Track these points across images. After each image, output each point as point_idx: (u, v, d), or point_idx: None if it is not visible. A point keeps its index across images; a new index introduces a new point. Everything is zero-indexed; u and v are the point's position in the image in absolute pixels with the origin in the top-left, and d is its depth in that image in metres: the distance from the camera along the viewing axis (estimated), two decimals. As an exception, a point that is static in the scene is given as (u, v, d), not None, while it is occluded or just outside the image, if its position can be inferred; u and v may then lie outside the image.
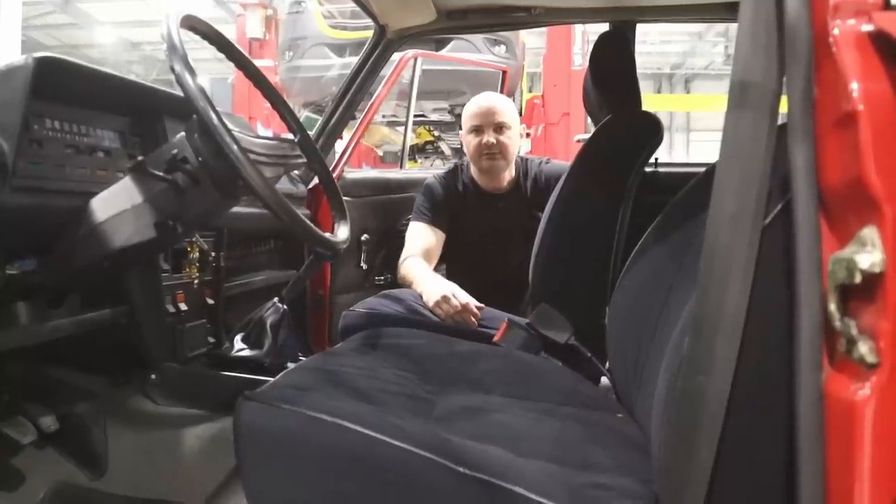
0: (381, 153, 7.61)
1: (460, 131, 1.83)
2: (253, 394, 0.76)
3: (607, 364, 1.19)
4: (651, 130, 1.27)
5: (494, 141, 1.64)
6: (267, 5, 5.81)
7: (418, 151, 6.79)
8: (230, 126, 0.83)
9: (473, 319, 1.34)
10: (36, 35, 11.45)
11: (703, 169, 1.69)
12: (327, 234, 1.03)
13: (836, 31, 0.45)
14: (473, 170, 1.77)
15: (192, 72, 0.80)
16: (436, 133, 6.44)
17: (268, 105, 5.40)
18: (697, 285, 0.55)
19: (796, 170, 0.48)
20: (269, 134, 4.15)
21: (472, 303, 1.35)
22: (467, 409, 0.87)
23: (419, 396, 0.89)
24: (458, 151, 6.70)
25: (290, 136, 1.13)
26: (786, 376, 0.50)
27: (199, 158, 0.86)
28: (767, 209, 0.52)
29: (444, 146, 6.87)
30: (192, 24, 0.88)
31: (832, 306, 0.45)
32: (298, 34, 4.89)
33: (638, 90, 1.33)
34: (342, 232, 1.05)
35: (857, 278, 0.43)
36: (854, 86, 0.44)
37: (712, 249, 0.54)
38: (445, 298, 1.34)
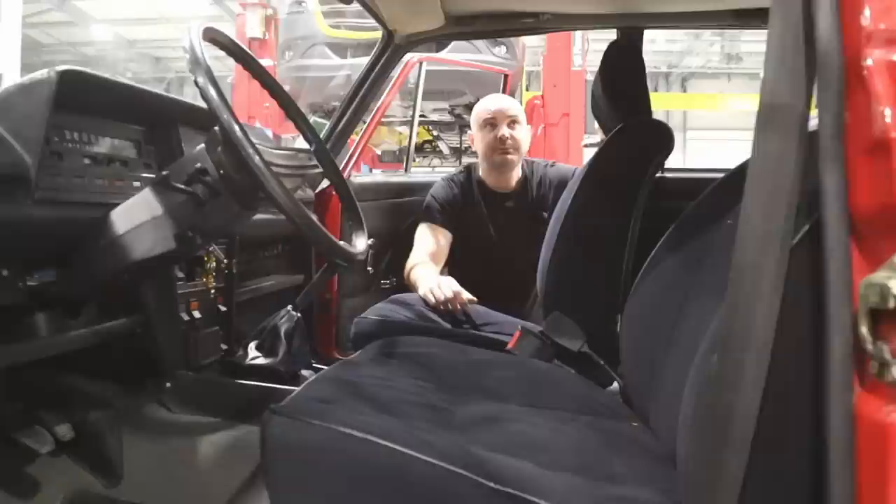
0: (379, 152, 7.62)
1: (469, 131, 1.86)
2: (280, 407, 0.76)
3: (619, 371, 1.20)
4: (662, 139, 1.28)
5: (509, 135, 1.67)
6: (266, 5, 5.79)
7: (417, 150, 6.80)
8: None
9: (459, 307, 1.40)
10: (32, 33, 11.38)
11: (710, 175, 1.71)
12: (342, 243, 1.04)
13: (868, 62, 0.46)
14: (483, 169, 1.79)
15: (215, 84, 0.81)
16: (434, 133, 6.45)
17: (267, 104, 5.41)
18: (726, 303, 0.56)
19: (827, 193, 0.49)
20: (269, 133, 4.16)
21: (465, 294, 1.39)
22: (485, 419, 0.88)
23: (438, 406, 0.90)
24: (457, 151, 6.72)
25: (306, 145, 1.14)
26: (814, 396, 0.51)
27: (221, 171, 0.86)
28: (795, 229, 0.53)
29: (442, 145, 6.89)
30: (213, 37, 0.89)
31: (864, 329, 0.46)
32: (298, 34, 4.88)
33: (648, 98, 1.34)
34: (360, 243, 1.06)
35: (892, 303, 0.43)
36: (887, 112, 0.45)
37: (741, 268, 0.55)
38: (438, 285, 1.39)
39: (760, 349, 0.52)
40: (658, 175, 1.61)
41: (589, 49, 5.15)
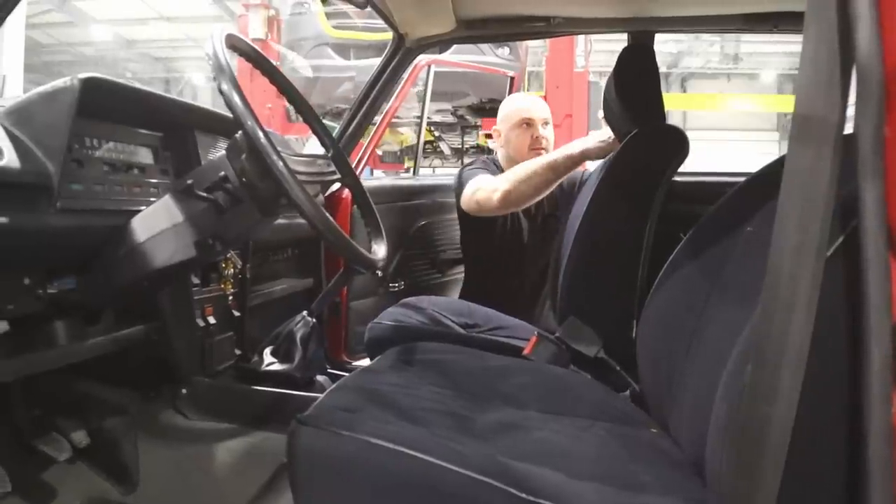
0: (380, 153, 7.63)
1: (495, 127, 1.84)
2: (307, 418, 0.76)
3: (635, 376, 1.20)
4: (678, 144, 1.28)
5: (544, 136, 1.73)
6: (269, 5, 5.78)
7: (417, 151, 6.79)
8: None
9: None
10: (33, 34, 11.37)
11: (719, 179, 1.71)
12: (361, 249, 1.04)
13: (911, 75, 0.46)
14: (507, 165, 1.80)
15: (239, 91, 0.81)
16: (436, 133, 6.45)
17: (269, 105, 5.39)
18: (760, 313, 0.56)
19: (866, 207, 0.49)
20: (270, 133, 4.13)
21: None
22: (506, 426, 0.88)
23: (459, 414, 0.90)
24: (458, 151, 6.72)
25: (313, 148, 1.14)
26: (851, 408, 0.51)
27: (243, 179, 0.86)
28: (830, 240, 0.53)
29: (443, 146, 6.89)
30: (234, 44, 0.89)
31: (904, 344, 0.46)
32: (302, 35, 4.87)
33: (661, 102, 1.34)
34: (380, 250, 1.06)
35: (933, 318, 0.43)
36: (929, 128, 0.45)
37: (775, 278, 0.54)
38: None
39: (796, 360, 0.52)
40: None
41: (591, 50, 5.15)
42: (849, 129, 0.51)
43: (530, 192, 1.51)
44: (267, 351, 1.31)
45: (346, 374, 1.05)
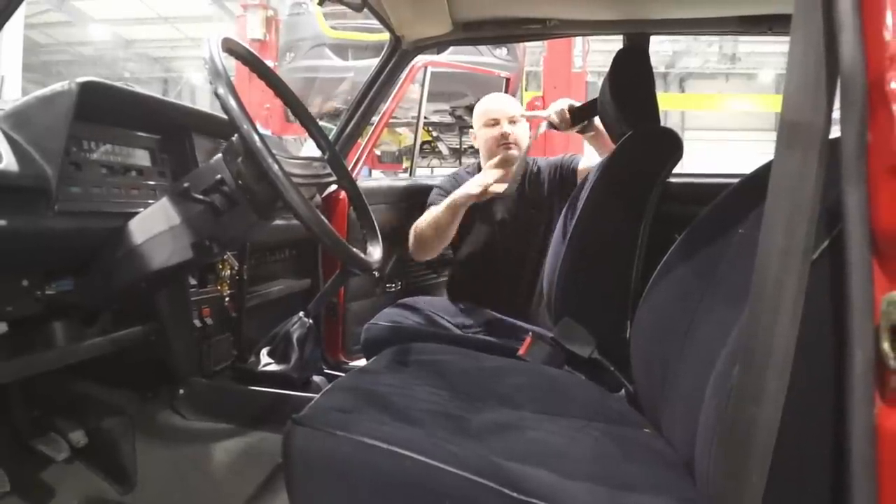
0: (378, 153, 7.63)
1: (471, 130, 1.89)
2: (302, 418, 0.77)
3: (628, 377, 1.20)
4: (672, 146, 1.29)
5: (510, 132, 1.73)
6: (267, 6, 5.79)
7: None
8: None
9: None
10: (31, 34, 11.35)
11: (712, 180, 1.72)
12: (356, 250, 1.04)
13: (892, 84, 0.47)
14: (485, 165, 1.82)
15: (235, 94, 0.81)
16: (434, 133, 6.45)
17: (267, 105, 5.38)
18: (747, 316, 0.57)
19: (849, 211, 0.50)
20: (269, 133, 4.14)
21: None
22: (501, 427, 0.89)
23: (454, 414, 0.91)
24: (456, 152, 6.73)
25: (310, 149, 1.14)
26: (835, 410, 0.51)
27: (239, 182, 0.87)
28: (815, 243, 0.54)
29: (442, 146, 6.89)
30: (231, 47, 0.89)
31: (886, 346, 0.47)
32: (299, 35, 4.87)
33: (656, 104, 1.35)
34: (376, 252, 1.07)
35: (914, 320, 0.44)
36: (910, 134, 0.46)
37: (762, 282, 0.55)
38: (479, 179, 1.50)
39: (782, 362, 0.53)
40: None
41: (589, 50, 5.15)
42: (836, 132, 0.52)
43: (433, 235, 1.62)
44: (264, 352, 1.32)
45: (343, 374, 1.06)
